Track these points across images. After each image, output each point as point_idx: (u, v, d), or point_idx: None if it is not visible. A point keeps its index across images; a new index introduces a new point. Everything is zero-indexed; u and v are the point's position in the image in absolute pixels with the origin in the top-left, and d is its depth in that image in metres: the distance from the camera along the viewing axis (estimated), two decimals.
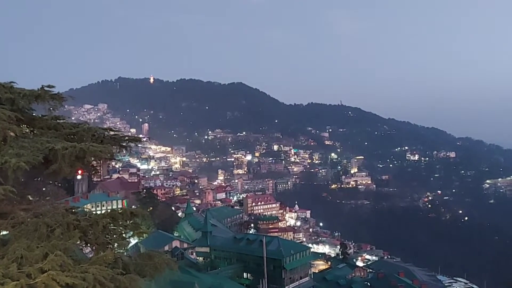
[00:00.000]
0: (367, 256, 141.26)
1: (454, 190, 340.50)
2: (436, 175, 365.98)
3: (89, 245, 12.57)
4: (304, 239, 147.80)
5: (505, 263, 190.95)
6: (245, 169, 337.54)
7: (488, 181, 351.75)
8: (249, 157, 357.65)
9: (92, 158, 13.50)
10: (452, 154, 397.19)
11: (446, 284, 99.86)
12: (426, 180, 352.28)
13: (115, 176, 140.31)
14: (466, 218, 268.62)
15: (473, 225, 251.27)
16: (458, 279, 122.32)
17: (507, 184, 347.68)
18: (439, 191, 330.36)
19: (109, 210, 14.42)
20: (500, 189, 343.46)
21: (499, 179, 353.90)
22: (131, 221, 13.48)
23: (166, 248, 67.09)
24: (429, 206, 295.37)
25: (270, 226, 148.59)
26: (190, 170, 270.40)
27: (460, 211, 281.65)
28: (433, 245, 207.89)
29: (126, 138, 15.98)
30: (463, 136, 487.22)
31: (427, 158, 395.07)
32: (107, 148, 13.63)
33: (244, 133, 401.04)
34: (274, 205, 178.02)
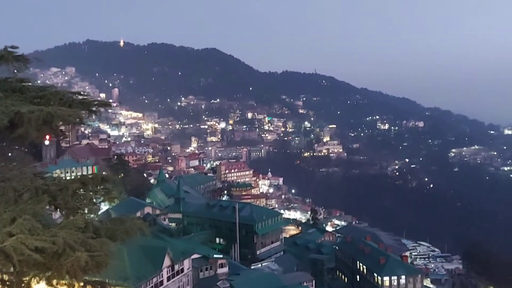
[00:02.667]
0: (337, 221, 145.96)
1: (421, 159, 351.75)
2: (404, 144, 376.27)
3: (58, 210, 12.49)
4: (276, 206, 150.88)
5: (465, 228, 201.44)
6: (219, 136, 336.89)
7: (453, 150, 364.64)
8: (223, 125, 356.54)
9: (61, 123, 13.20)
10: (421, 124, 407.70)
11: (410, 248, 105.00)
12: (395, 148, 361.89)
13: (84, 142, 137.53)
14: (432, 186, 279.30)
15: (437, 192, 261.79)
16: (421, 242, 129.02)
17: (471, 153, 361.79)
18: (407, 160, 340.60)
19: (79, 176, 14.29)
20: (465, 157, 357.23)
21: (464, 148, 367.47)
22: (101, 186, 13.41)
23: (138, 214, 67.00)
24: (397, 173, 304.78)
25: (243, 193, 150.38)
26: (163, 137, 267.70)
27: (426, 179, 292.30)
28: (399, 211, 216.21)
29: (96, 102, 15.59)
30: (432, 106, 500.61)
31: (396, 128, 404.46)
32: (76, 112, 13.33)
33: (218, 100, 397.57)
34: (247, 173, 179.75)
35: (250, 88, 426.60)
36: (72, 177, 14.50)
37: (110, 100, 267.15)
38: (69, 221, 10.97)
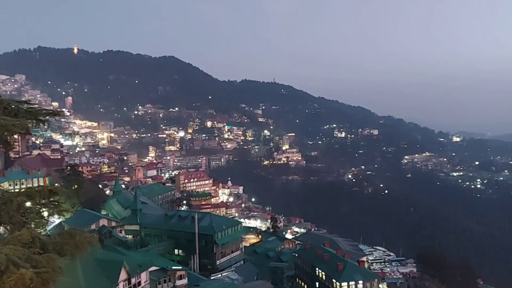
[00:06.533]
0: (296, 229, 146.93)
1: (376, 166, 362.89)
2: (360, 152, 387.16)
3: (2, 224, 11.82)
4: (236, 214, 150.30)
5: (418, 232, 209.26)
6: (178, 145, 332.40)
7: (406, 157, 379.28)
8: (181, 134, 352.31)
9: (5, 133, 12.55)
10: (375, 132, 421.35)
11: (367, 253, 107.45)
12: (351, 156, 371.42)
13: (35, 152, 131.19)
14: (386, 191, 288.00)
15: (392, 197, 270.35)
16: (377, 247, 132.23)
17: (423, 160, 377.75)
18: (362, 167, 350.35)
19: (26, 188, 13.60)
20: (417, 164, 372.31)
21: (416, 155, 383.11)
22: (50, 199, 12.82)
23: (93, 226, 64.72)
24: (354, 180, 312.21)
25: (203, 203, 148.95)
26: (119, 147, 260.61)
27: (381, 185, 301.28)
28: (356, 217, 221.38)
29: (44, 111, 14.99)
30: (385, 115, 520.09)
31: (352, 136, 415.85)
32: (22, 122, 12.73)
33: (176, 108, 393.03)
34: (207, 182, 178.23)
35: (209, 97, 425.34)
36: (19, 190, 13.76)
37: (64, 109, 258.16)
38: (13, 236, 10.39)
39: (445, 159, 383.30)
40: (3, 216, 11.50)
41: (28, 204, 12.43)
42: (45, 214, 13.65)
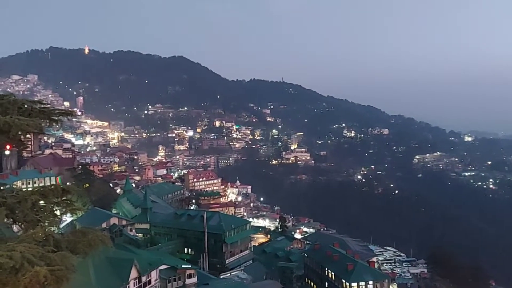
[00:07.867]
0: (305, 229, 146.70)
1: (386, 165, 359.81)
2: (370, 151, 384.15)
3: (17, 223, 12.00)
4: (245, 214, 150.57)
5: (429, 232, 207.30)
6: (187, 145, 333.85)
7: (417, 156, 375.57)
8: (190, 133, 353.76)
9: (19, 132, 12.73)
10: (386, 131, 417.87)
11: (377, 253, 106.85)
12: (361, 155, 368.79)
13: (47, 151, 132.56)
14: (397, 191, 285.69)
15: (402, 197, 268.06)
16: (387, 248, 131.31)
17: (434, 159, 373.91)
18: (372, 166, 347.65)
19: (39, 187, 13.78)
20: (428, 164, 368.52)
21: (427, 155, 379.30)
22: (63, 198, 12.99)
23: (104, 225, 65.26)
24: (363, 180, 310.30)
25: (212, 202, 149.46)
26: (129, 146, 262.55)
27: (391, 185, 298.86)
28: (366, 217, 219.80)
29: (57, 111, 15.19)
30: (396, 114, 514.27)
31: (362, 135, 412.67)
32: (35, 122, 12.91)
33: (185, 108, 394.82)
34: (215, 181, 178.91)
35: (218, 96, 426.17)
36: (32, 189, 13.94)
37: (75, 109, 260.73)
38: (28, 234, 10.56)
39: (456, 159, 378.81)
40: (17, 215, 11.67)
41: (41, 202, 12.61)
42: (58, 212, 13.83)
